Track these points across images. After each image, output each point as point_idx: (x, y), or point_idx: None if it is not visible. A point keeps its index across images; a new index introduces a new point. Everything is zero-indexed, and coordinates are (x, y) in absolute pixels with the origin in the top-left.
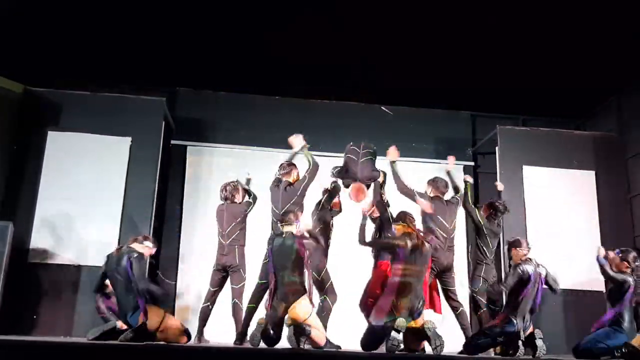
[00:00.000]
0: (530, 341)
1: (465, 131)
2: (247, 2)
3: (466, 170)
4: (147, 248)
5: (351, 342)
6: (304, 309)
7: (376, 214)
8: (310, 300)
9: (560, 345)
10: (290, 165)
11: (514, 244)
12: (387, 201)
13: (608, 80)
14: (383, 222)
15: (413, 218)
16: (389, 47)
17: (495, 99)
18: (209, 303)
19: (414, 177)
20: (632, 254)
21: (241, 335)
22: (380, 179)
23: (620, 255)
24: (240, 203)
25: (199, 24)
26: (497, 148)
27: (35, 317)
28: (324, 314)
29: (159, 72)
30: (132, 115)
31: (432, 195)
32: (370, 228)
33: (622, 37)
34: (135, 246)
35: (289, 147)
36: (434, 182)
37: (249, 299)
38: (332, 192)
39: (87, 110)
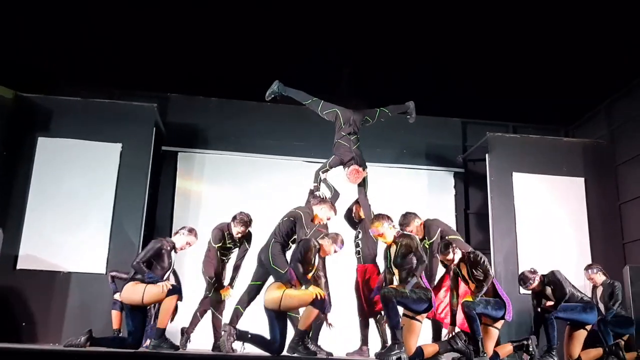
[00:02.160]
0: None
1: (456, 138)
2: (238, 9)
3: (456, 176)
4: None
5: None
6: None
7: (361, 215)
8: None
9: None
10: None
11: None
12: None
13: (597, 88)
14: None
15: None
16: (379, 54)
17: (486, 106)
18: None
19: (404, 184)
20: None
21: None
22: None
23: None
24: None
25: (190, 30)
26: (487, 155)
27: (24, 324)
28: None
29: (150, 78)
30: (122, 122)
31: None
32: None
33: (611, 46)
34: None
35: (280, 153)
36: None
37: (238, 299)
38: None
39: (77, 116)
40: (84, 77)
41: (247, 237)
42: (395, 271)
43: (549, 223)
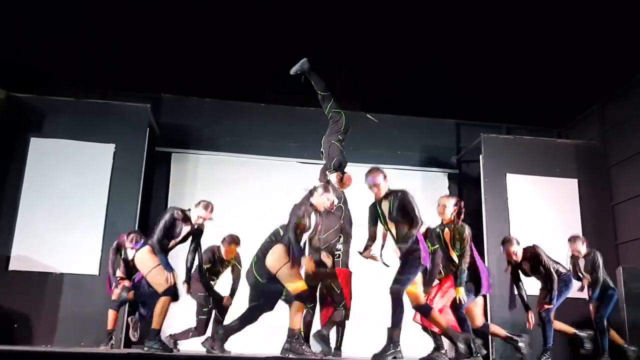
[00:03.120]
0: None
1: (450, 139)
2: (232, 9)
3: (450, 177)
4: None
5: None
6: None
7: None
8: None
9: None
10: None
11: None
12: None
13: (590, 90)
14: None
15: None
16: (374, 55)
17: (480, 107)
18: None
19: (398, 185)
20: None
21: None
22: None
23: None
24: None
25: (184, 30)
26: (481, 156)
27: (15, 325)
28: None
29: (143, 79)
30: (116, 122)
31: None
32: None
33: (604, 48)
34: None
35: (274, 154)
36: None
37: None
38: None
39: (70, 116)
40: (77, 77)
41: (237, 259)
42: (392, 226)
43: (542, 224)
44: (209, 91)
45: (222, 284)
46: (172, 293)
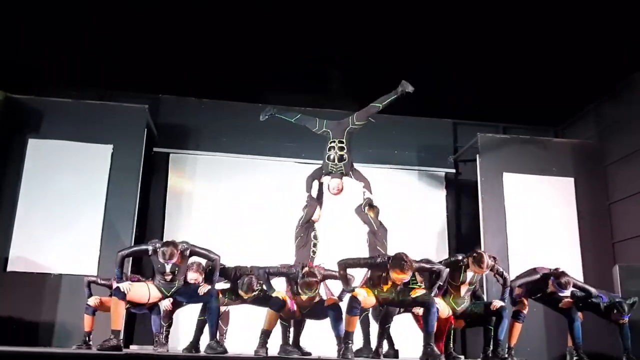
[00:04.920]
0: None
1: (447, 139)
2: (230, 10)
3: (447, 177)
4: None
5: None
6: None
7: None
8: None
9: (541, 352)
10: None
11: None
12: None
13: (586, 89)
14: None
15: None
16: (371, 54)
17: (476, 106)
18: None
19: (395, 184)
20: None
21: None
22: None
23: None
24: None
25: (181, 31)
26: (477, 155)
27: (14, 327)
28: None
29: (141, 79)
30: (113, 123)
31: None
32: None
33: (600, 46)
34: None
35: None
36: None
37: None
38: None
39: (68, 117)
40: (75, 78)
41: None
42: None
43: (539, 223)
44: (206, 91)
45: None
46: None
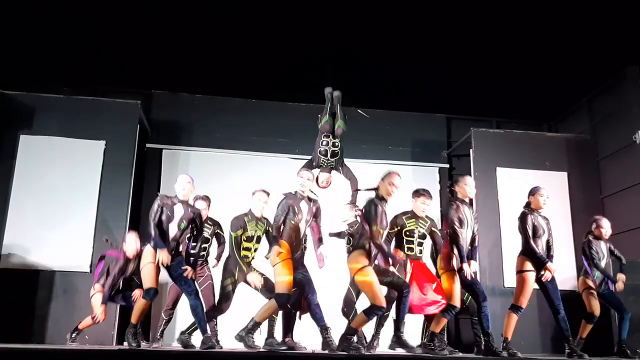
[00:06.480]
0: None
1: (440, 134)
2: (222, 6)
3: (441, 172)
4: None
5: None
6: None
7: None
8: None
9: (535, 344)
10: None
11: None
12: None
13: (579, 83)
14: None
15: None
16: (364, 49)
17: (470, 101)
18: None
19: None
20: None
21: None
22: None
23: None
24: None
25: (173, 26)
26: (471, 150)
27: (7, 324)
28: None
29: (133, 75)
30: (106, 119)
31: None
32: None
33: (592, 41)
34: None
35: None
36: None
37: None
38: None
39: (60, 113)
40: (67, 74)
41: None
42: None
43: None
44: (199, 87)
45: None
46: (151, 297)
